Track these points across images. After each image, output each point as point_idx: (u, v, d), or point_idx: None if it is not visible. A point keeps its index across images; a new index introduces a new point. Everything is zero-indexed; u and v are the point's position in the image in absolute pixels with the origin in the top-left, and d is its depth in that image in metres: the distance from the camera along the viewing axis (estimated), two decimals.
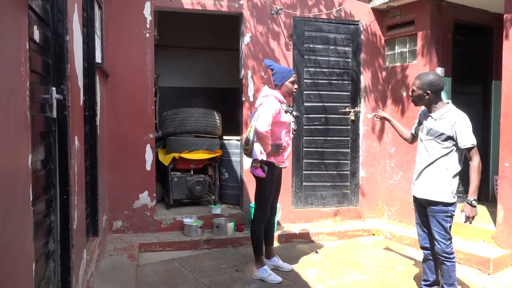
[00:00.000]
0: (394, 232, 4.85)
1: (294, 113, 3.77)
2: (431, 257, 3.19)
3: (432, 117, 3.03)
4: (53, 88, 2.13)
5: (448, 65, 4.98)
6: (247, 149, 3.65)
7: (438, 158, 2.99)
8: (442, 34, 4.92)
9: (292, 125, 3.72)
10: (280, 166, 3.73)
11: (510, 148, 3.99)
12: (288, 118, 3.65)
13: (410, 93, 3.14)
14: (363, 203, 5.40)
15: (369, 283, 3.67)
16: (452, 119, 2.93)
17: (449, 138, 2.93)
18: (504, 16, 4.06)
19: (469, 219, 2.92)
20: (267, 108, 3.50)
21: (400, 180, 5.16)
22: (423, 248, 3.24)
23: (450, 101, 3.08)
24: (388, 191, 5.34)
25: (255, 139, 3.58)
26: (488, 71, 5.52)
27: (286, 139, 3.68)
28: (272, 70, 3.73)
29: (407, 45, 5.12)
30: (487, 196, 5.54)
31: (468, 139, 2.88)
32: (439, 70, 4.81)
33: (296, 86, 3.70)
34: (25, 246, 1.57)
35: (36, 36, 1.89)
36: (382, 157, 5.42)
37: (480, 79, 5.56)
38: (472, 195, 2.89)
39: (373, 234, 5.05)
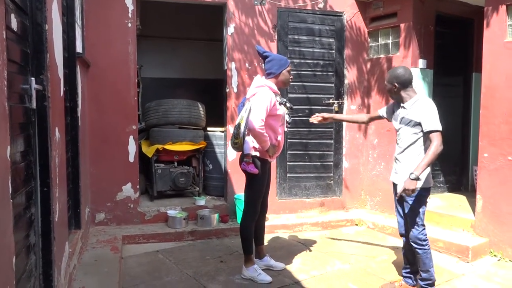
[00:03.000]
0: (377, 222, 4.92)
1: (288, 104, 3.54)
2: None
3: (404, 107, 3.15)
4: (32, 78, 2.09)
5: (430, 57, 5.03)
6: (237, 142, 3.32)
7: (410, 145, 3.10)
8: (424, 26, 4.97)
9: (286, 118, 3.54)
10: (271, 160, 3.56)
11: (489, 139, 4.07)
12: (282, 110, 3.46)
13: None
14: (347, 193, 5.45)
15: (352, 272, 3.72)
16: (419, 106, 3.05)
17: (417, 124, 3.04)
18: (485, 8, 4.12)
19: (405, 191, 2.94)
20: (261, 102, 3.25)
21: (382, 170, 5.22)
22: (401, 235, 3.31)
23: (423, 91, 3.16)
24: (371, 182, 5.41)
25: (246, 133, 3.28)
26: (469, 63, 5.61)
27: (279, 131, 3.47)
28: (267, 57, 3.45)
29: (390, 36, 5.16)
30: (467, 186, 5.67)
31: (429, 123, 2.96)
32: (421, 62, 4.87)
33: (291, 76, 3.52)
34: (4, 239, 1.54)
35: (14, 24, 1.84)
36: (365, 148, 5.48)
37: (461, 71, 5.64)
38: (416, 169, 2.92)
39: (356, 224, 5.12)
